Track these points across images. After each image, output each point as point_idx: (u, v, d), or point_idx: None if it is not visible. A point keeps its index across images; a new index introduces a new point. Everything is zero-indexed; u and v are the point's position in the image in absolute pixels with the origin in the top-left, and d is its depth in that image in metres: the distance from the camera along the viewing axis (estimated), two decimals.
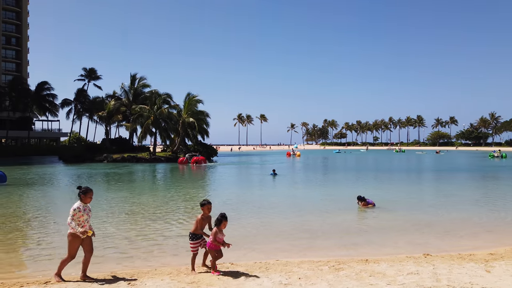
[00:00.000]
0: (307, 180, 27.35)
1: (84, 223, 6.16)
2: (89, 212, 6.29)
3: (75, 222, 6.07)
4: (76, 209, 6.09)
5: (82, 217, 6.13)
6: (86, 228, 6.16)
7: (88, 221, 6.26)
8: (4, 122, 73.91)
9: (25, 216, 12.87)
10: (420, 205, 15.21)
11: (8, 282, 6.32)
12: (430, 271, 6.48)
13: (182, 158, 46.49)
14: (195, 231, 6.67)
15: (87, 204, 6.27)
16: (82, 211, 6.13)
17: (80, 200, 6.21)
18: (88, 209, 6.26)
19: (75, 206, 6.13)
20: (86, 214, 6.18)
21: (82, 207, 6.16)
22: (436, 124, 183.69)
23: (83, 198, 6.21)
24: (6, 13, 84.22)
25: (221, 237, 6.39)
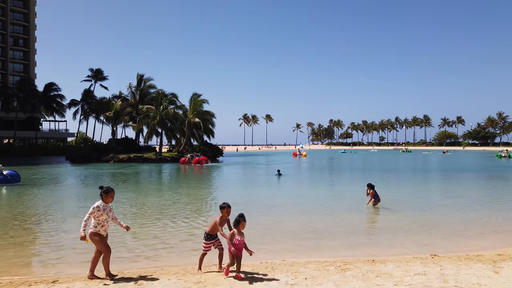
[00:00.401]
0: (313, 180, 27.29)
1: (104, 223, 6.17)
2: (110, 212, 6.28)
3: (95, 221, 6.10)
4: (95, 208, 6.11)
5: (102, 216, 6.14)
6: (106, 227, 6.20)
7: (108, 221, 6.25)
8: (12, 122, 74.65)
9: (34, 216, 12.98)
10: (427, 206, 15.11)
11: (17, 281, 6.39)
12: (437, 272, 6.44)
13: (184, 159, 46.63)
14: (210, 231, 6.58)
15: (108, 204, 6.27)
16: (102, 211, 6.14)
17: (102, 200, 6.22)
18: (108, 209, 6.25)
19: (95, 205, 6.16)
20: (106, 214, 6.18)
21: (102, 207, 6.17)
22: (443, 124, 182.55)
23: (104, 198, 6.22)
24: (14, 14, 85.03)
25: (242, 239, 6.14)
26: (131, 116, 62.23)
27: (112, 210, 6.38)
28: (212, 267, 6.90)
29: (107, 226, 6.23)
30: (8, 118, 75.45)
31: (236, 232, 6.14)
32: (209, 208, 14.94)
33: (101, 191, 6.28)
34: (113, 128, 64.92)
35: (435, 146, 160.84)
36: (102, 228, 6.16)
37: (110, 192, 6.26)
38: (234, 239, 6.11)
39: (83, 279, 6.40)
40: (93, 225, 6.15)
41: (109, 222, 6.29)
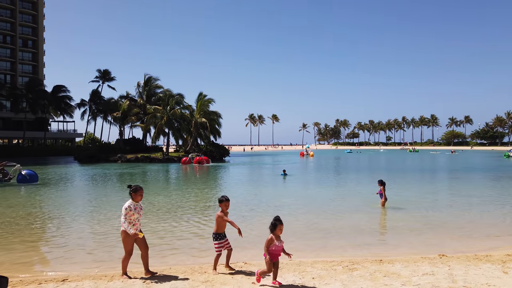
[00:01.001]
0: (320, 180, 27.24)
1: (135, 222, 6.19)
2: (140, 210, 6.29)
3: (127, 221, 6.10)
4: (127, 208, 6.11)
5: (133, 215, 6.15)
6: (137, 226, 6.21)
7: (139, 220, 6.28)
8: (21, 123, 75.48)
9: (44, 215, 13.13)
10: (435, 205, 15.02)
11: (27, 279, 6.47)
12: (445, 272, 6.41)
13: (185, 158, 46.77)
14: (218, 230, 6.50)
15: (138, 203, 6.26)
16: (133, 210, 6.14)
17: (131, 199, 6.21)
18: (139, 207, 6.26)
19: (126, 205, 6.15)
20: (137, 213, 6.18)
21: (133, 206, 6.17)
22: (450, 124, 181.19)
23: (133, 197, 6.19)
24: (22, 16, 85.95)
25: (280, 245, 5.66)
26: (138, 117, 62.63)
27: (142, 208, 6.37)
28: (228, 269, 6.91)
29: (138, 225, 6.23)
30: (17, 118, 76.33)
31: (275, 237, 5.65)
32: (216, 208, 14.99)
33: (129, 190, 6.26)
34: (121, 128, 65.44)
35: (442, 146, 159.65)
36: (134, 227, 6.16)
37: (139, 190, 6.23)
38: (272, 246, 5.62)
39: (92, 277, 6.48)
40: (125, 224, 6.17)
41: (140, 221, 6.32)
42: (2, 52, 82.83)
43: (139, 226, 6.27)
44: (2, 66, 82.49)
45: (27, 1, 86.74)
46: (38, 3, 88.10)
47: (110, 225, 11.32)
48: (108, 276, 6.50)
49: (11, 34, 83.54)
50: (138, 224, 6.22)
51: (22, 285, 6.08)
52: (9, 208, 14.64)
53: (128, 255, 6.26)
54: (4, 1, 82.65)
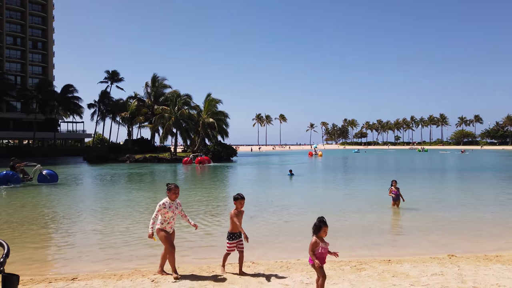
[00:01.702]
0: (327, 180, 27.15)
1: (170, 220, 6.15)
2: (176, 209, 6.23)
3: (161, 217, 6.09)
4: (161, 205, 6.10)
5: (167, 213, 6.11)
6: (171, 224, 6.19)
7: (174, 219, 6.23)
8: (31, 124, 76.42)
9: (55, 214, 13.28)
10: (444, 205, 14.88)
11: (37, 278, 6.54)
12: (455, 272, 6.35)
13: (186, 158, 46.87)
14: (233, 229, 6.35)
15: (174, 201, 6.22)
16: (167, 208, 6.11)
17: (168, 197, 6.22)
18: (174, 206, 6.21)
19: (161, 202, 6.15)
20: (171, 211, 6.14)
21: (168, 204, 6.14)
22: (460, 123, 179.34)
23: (168, 195, 6.19)
24: (32, 18, 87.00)
25: (326, 247, 5.18)
26: (147, 117, 63.01)
27: (179, 207, 6.34)
28: (227, 266, 6.93)
29: (173, 223, 6.22)
30: (28, 119, 77.31)
31: (317, 240, 5.18)
32: (223, 207, 15.01)
33: (167, 186, 6.27)
34: (129, 128, 65.87)
35: (452, 146, 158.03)
36: (168, 225, 6.15)
37: (173, 189, 6.18)
38: (317, 249, 5.15)
39: (101, 276, 6.53)
40: (160, 221, 6.16)
41: (175, 219, 6.27)
42: (13, 54, 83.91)
43: (174, 224, 6.24)
44: (12, 68, 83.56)
45: (37, 3, 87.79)
46: (47, 5, 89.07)
47: (119, 225, 11.40)
48: (117, 275, 6.55)
49: (21, 36, 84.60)
50: (172, 222, 6.19)
51: (32, 283, 6.16)
52: (23, 207, 14.82)
53: (171, 250, 6.19)
54: (14, 3, 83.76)
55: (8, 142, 79.66)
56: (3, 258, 2.07)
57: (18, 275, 2.04)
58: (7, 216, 12.86)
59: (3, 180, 21.85)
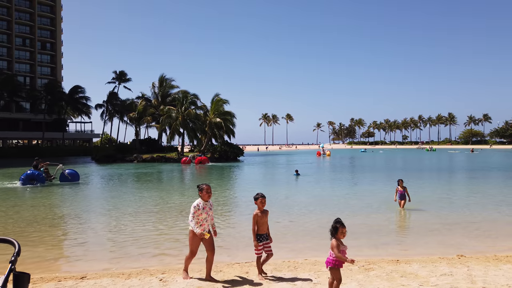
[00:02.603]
0: (334, 179, 27.05)
1: (203, 222, 5.92)
2: (209, 210, 6.01)
3: (195, 220, 5.89)
4: (195, 207, 5.89)
5: (201, 215, 5.90)
6: (205, 226, 5.93)
7: (208, 220, 5.98)
8: (40, 124, 77.22)
9: (70, 214, 13.40)
10: (453, 205, 14.75)
11: (47, 277, 6.61)
12: (464, 273, 6.30)
13: (185, 158, 46.99)
14: (257, 231, 6.13)
15: (207, 202, 6.00)
16: (201, 209, 5.90)
17: (200, 198, 5.99)
18: (208, 207, 5.99)
19: (195, 203, 5.93)
20: (205, 212, 5.92)
21: (202, 205, 5.92)
22: (468, 122, 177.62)
23: (200, 195, 5.97)
24: (41, 19, 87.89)
25: (343, 249, 5.09)
26: (154, 117, 63.33)
27: (212, 208, 6.12)
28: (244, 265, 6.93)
29: (206, 226, 5.95)
30: (37, 120, 78.14)
31: (337, 243, 5.09)
32: (230, 207, 15.04)
33: (198, 187, 6.04)
34: (137, 128, 66.24)
35: (460, 145, 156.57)
36: (201, 227, 5.90)
37: (205, 189, 5.95)
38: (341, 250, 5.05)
39: (110, 275, 6.58)
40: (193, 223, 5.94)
41: (209, 221, 6.02)
42: (22, 55, 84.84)
43: (207, 226, 5.99)
44: (22, 69, 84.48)
45: (46, 5, 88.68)
46: (56, 6, 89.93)
47: (127, 224, 11.47)
48: (126, 274, 6.59)
49: (30, 37, 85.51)
50: (206, 224, 5.95)
51: (42, 282, 6.22)
52: (37, 207, 14.96)
53: (192, 255, 6.06)
54: (23, 4, 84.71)
55: (18, 142, 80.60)
56: (14, 256, 2.10)
57: (29, 274, 2.06)
58: (18, 215, 13.00)
59: (29, 179, 22.30)
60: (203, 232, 5.83)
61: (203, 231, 5.85)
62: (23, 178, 22.27)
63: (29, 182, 22.18)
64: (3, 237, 2.22)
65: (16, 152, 67.90)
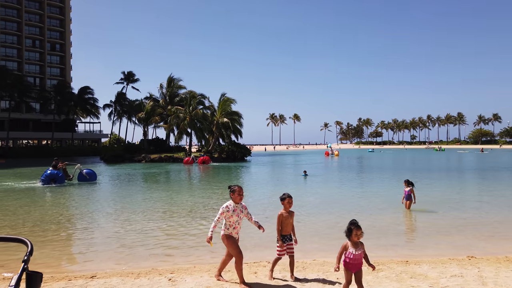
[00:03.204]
0: (342, 180, 26.94)
1: (235, 225, 5.63)
2: (241, 213, 5.70)
3: (226, 222, 5.64)
4: (224, 208, 5.63)
5: (232, 217, 5.60)
6: (238, 229, 5.69)
7: (240, 223, 5.70)
8: (50, 124, 78.08)
9: (82, 213, 13.53)
10: (463, 205, 14.60)
11: (57, 276, 6.67)
12: (475, 274, 6.23)
13: (187, 158, 47.10)
14: (281, 231, 6.01)
15: (239, 204, 5.72)
16: (231, 211, 5.61)
17: (231, 199, 5.73)
18: (239, 209, 5.69)
19: (225, 204, 5.69)
20: (236, 215, 5.62)
21: (232, 207, 5.64)
22: (478, 122, 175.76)
23: (232, 197, 5.70)
24: (50, 21, 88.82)
25: (357, 253, 4.89)
26: (162, 117, 63.67)
27: (245, 210, 5.82)
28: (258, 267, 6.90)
29: (239, 228, 5.69)
30: (46, 120, 79.07)
31: (350, 244, 4.92)
32: None
33: (230, 188, 5.78)
34: (145, 128, 66.62)
35: (469, 145, 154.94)
36: (234, 230, 5.64)
37: (237, 190, 5.66)
38: (345, 253, 4.94)
39: (119, 274, 6.62)
40: (225, 226, 5.66)
41: (241, 223, 5.75)
42: (32, 56, 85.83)
43: (240, 229, 5.74)
44: (31, 70, 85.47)
45: (55, 6, 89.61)
46: (65, 8, 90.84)
47: (136, 224, 11.54)
48: (135, 273, 6.63)
49: (40, 38, 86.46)
50: (238, 227, 5.67)
51: (53, 281, 6.28)
52: (55, 206, 15.13)
53: (239, 258, 5.62)
54: (33, 6, 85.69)
55: (28, 142, 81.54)
56: (27, 256, 2.11)
57: (41, 273, 2.07)
58: (34, 214, 13.15)
59: (49, 179, 22.65)
60: (210, 240, 5.57)
61: (210, 238, 5.57)
62: (44, 178, 22.63)
63: (49, 182, 22.54)
64: (16, 237, 2.25)
65: (27, 152, 68.77)
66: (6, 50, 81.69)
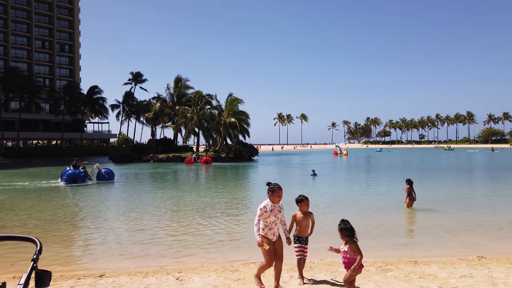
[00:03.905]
0: (351, 179, 26.82)
1: (272, 225, 5.35)
2: (278, 213, 5.40)
3: (263, 223, 5.33)
4: (262, 209, 5.32)
5: (269, 218, 5.31)
6: (274, 230, 5.39)
7: (277, 224, 5.41)
8: (59, 124, 78.92)
9: (87, 212, 13.65)
10: (473, 205, 14.43)
11: (67, 274, 6.74)
12: (485, 275, 6.16)
13: (189, 158, 47.26)
14: (298, 233, 5.86)
15: (277, 204, 5.42)
16: (269, 212, 5.31)
17: (269, 199, 5.42)
18: (277, 209, 5.39)
19: (262, 205, 5.37)
20: (273, 215, 5.33)
21: (270, 207, 5.34)
22: (488, 121, 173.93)
23: (271, 197, 5.36)
24: (60, 22, 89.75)
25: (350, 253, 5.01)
26: (169, 117, 63.99)
27: (281, 211, 5.50)
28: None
29: (276, 229, 5.40)
30: (56, 120, 79.94)
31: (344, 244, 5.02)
32: (246, 206, 15.06)
33: (267, 188, 5.46)
34: (153, 128, 67.01)
35: (479, 144, 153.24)
36: (270, 231, 5.35)
37: (277, 190, 5.34)
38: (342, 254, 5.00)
39: (127, 273, 6.66)
40: (261, 227, 5.37)
41: (278, 224, 5.46)
42: (42, 57, 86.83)
43: (277, 230, 5.45)
44: (41, 71, 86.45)
45: (64, 8, 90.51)
46: (74, 9, 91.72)
47: (145, 224, 11.60)
48: (143, 272, 6.67)
49: (49, 40, 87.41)
50: (275, 228, 5.39)
51: (62, 279, 6.34)
52: (62, 206, 15.27)
53: (268, 264, 5.41)
54: (43, 8, 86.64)
55: (38, 142, 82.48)
56: (36, 255, 2.13)
57: (50, 272, 2.09)
58: (41, 214, 13.30)
59: (71, 179, 23.10)
60: (263, 242, 5.23)
61: (262, 241, 5.24)
62: (66, 178, 23.09)
63: (72, 182, 23.00)
64: (25, 236, 2.27)
65: (37, 152, 69.58)
66: (16, 51, 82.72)
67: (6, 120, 72.85)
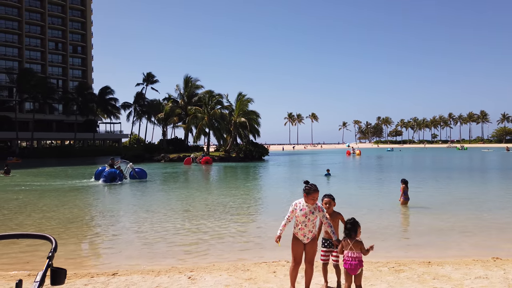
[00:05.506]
0: (364, 179, 26.62)
1: (301, 226, 5.04)
2: (311, 214, 5.00)
3: (295, 220, 5.11)
4: (292, 205, 5.13)
5: (298, 217, 5.04)
6: (304, 231, 5.05)
7: (307, 225, 5.03)
8: (72, 125, 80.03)
9: (101, 211, 13.80)
10: (488, 206, 14.20)
11: (80, 273, 6.81)
12: (500, 276, 6.05)
13: (188, 159, 47.41)
14: (325, 235, 5.55)
15: (311, 205, 5.05)
16: (299, 210, 5.05)
17: (304, 199, 5.14)
18: (309, 209, 5.01)
19: (297, 201, 5.18)
20: (302, 215, 5.01)
21: (300, 206, 5.08)
22: (502, 120, 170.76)
23: (305, 198, 5.05)
24: (72, 23, 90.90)
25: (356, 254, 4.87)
26: (180, 117, 64.33)
27: (319, 212, 5.08)
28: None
29: (306, 231, 5.04)
30: (69, 121, 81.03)
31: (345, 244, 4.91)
32: (257, 206, 15.05)
33: (304, 186, 5.13)
34: (164, 129, 67.46)
35: (493, 144, 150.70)
36: (300, 232, 5.06)
37: (312, 193, 4.97)
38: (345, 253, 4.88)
39: (140, 272, 6.71)
40: (293, 224, 5.14)
41: (309, 227, 5.06)
42: (55, 58, 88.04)
43: (308, 233, 5.07)
44: (54, 72, 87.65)
45: (76, 9, 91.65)
46: (86, 11, 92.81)
47: (156, 223, 11.67)
48: (155, 271, 6.72)
49: (62, 41, 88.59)
50: (305, 229, 5.03)
51: (76, 277, 6.42)
52: (85, 205, 15.48)
53: (295, 264, 5.14)
54: (56, 10, 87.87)
55: (51, 142, 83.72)
56: (52, 252, 2.16)
57: (65, 270, 2.11)
58: (59, 213, 13.49)
59: (110, 178, 23.71)
60: (278, 240, 5.10)
61: (276, 238, 5.11)
62: (106, 176, 23.71)
63: (111, 181, 23.60)
64: (41, 234, 2.30)
65: (50, 152, 70.61)
66: (30, 53, 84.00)
67: (21, 121, 74.10)
